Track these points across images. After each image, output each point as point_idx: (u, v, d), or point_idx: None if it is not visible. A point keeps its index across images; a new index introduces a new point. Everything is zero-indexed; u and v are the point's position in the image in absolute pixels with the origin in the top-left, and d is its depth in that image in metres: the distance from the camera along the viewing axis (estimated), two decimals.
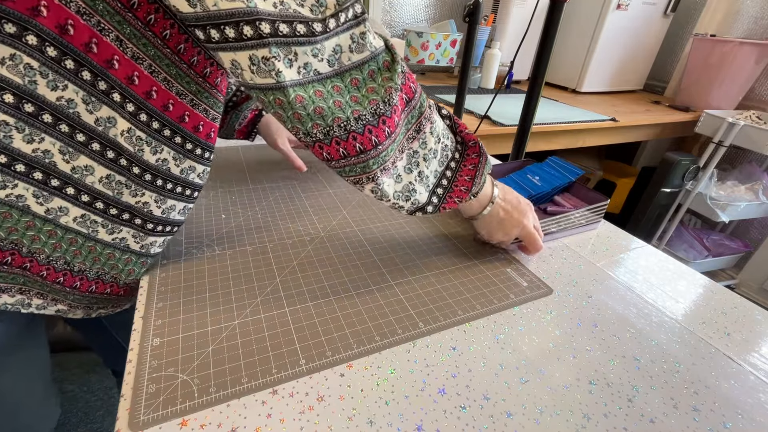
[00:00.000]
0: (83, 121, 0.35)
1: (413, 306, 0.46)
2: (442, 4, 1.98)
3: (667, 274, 0.56)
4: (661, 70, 2.02)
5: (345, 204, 0.68)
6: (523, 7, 1.72)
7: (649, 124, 1.56)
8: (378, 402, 0.35)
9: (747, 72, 1.61)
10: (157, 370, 0.35)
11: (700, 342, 0.44)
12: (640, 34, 1.77)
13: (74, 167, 0.36)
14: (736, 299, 0.52)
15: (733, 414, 0.36)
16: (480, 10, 0.87)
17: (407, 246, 0.57)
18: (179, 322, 0.41)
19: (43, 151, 0.35)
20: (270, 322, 0.42)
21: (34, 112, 0.33)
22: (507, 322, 0.45)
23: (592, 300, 0.49)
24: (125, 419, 0.31)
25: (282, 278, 0.48)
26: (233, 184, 0.71)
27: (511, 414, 0.34)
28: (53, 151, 0.35)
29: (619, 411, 0.36)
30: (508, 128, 1.18)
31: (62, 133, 0.35)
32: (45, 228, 0.37)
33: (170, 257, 0.50)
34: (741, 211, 1.58)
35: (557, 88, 1.93)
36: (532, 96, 0.72)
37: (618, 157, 2.17)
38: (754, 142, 1.47)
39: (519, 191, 0.68)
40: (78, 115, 0.35)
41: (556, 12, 0.65)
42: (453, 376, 0.38)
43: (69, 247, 0.40)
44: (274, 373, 0.36)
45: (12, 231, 0.36)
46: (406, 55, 1.68)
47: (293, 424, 0.32)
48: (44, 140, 0.34)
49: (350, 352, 0.39)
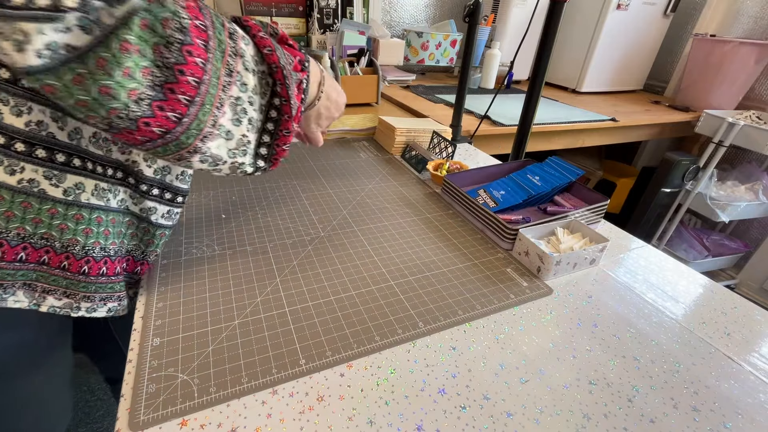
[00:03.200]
0: None
1: (413, 306, 0.46)
2: (442, 4, 1.98)
3: (667, 274, 0.56)
4: (661, 70, 2.02)
5: (345, 204, 0.68)
6: (523, 7, 1.72)
7: (649, 124, 1.56)
8: (378, 402, 0.35)
9: (747, 72, 1.60)
10: (157, 370, 0.35)
11: (700, 342, 0.44)
12: (640, 34, 1.77)
13: (69, 133, 0.34)
14: (736, 299, 0.52)
15: (733, 414, 0.36)
16: (480, 10, 0.87)
17: (407, 246, 0.57)
18: (179, 322, 0.41)
19: (37, 123, 0.32)
20: (270, 322, 0.42)
21: (10, 78, 0.30)
22: (507, 322, 0.45)
23: (592, 300, 0.49)
24: (125, 419, 0.31)
25: (282, 278, 0.48)
26: (233, 184, 0.71)
27: (511, 414, 0.34)
28: (46, 120, 0.32)
29: (619, 411, 0.36)
30: (508, 128, 1.18)
31: (44, 96, 0.31)
32: (70, 213, 0.35)
33: (170, 257, 0.50)
34: (741, 211, 1.58)
35: (557, 88, 1.93)
36: (532, 96, 0.72)
37: (618, 157, 2.17)
38: (754, 142, 1.47)
39: (519, 191, 0.68)
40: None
41: (556, 12, 0.65)
42: (453, 376, 0.38)
43: (99, 228, 0.37)
44: (274, 373, 0.36)
45: (38, 223, 0.34)
46: (406, 55, 1.68)
47: (293, 424, 0.32)
48: (32, 110, 0.31)
49: (350, 352, 0.39)
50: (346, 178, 0.78)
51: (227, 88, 0.35)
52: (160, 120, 0.30)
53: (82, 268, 0.37)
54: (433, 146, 0.87)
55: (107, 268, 0.40)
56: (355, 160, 0.87)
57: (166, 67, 0.29)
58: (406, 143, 0.91)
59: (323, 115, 0.51)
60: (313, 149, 0.91)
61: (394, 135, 0.89)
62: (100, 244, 0.38)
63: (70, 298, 0.39)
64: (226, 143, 0.37)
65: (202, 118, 0.33)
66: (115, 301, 0.41)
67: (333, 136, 0.99)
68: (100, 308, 0.40)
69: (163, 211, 0.44)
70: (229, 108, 0.35)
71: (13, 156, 0.32)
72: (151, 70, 0.28)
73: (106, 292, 0.40)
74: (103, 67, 0.26)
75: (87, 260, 0.37)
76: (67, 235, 0.36)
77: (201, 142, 0.34)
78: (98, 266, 0.38)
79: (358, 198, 0.70)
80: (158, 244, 0.45)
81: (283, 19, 1.42)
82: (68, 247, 0.36)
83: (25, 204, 0.33)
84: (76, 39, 0.25)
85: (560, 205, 0.69)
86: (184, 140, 0.33)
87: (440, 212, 0.67)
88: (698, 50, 1.70)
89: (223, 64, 0.34)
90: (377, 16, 1.84)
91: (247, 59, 0.36)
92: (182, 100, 0.31)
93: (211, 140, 0.35)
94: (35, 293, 0.38)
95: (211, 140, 0.35)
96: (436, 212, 0.67)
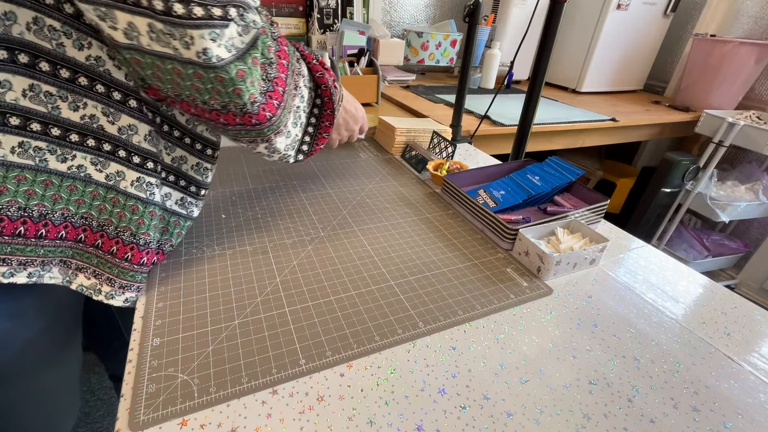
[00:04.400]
0: (114, 78, 0.36)
1: (413, 306, 0.46)
2: (442, 4, 1.98)
3: (667, 274, 0.56)
4: (661, 70, 2.02)
5: (345, 204, 0.68)
6: (523, 7, 1.72)
7: (649, 124, 1.56)
8: (378, 402, 0.35)
9: (747, 72, 1.60)
10: (157, 370, 0.35)
11: (700, 342, 0.44)
12: (640, 34, 1.77)
13: (120, 128, 0.38)
14: (736, 299, 0.52)
15: (733, 414, 0.36)
16: (480, 10, 0.87)
17: (407, 246, 0.57)
18: (179, 322, 0.41)
19: (90, 117, 0.36)
20: (270, 322, 0.42)
21: (69, 77, 0.34)
22: (507, 322, 0.45)
23: (592, 300, 0.49)
24: (125, 419, 0.31)
25: (282, 278, 0.48)
26: (233, 184, 0.71)
27: (511, 414, 0.34)
28: (97, 114, 0.36)
29: (619, 411, 0.36)
30: (508, 128, 1.18)
31: (99, 93, 0.36)
32: (109, 195, 0.39)
33: (170, 257, 0.50)
34: (741, 211, 1.58)
35: (557, 88, 1.93)
36: (532, 96, 0.72)
37: (618, 157, 2.17)
38: (754, 142, 1.47)
39: (519, 191, 0.68)
40: (108, 73, 0.36)
41: (556, 12, 0.65)
42: (453, 376, 0.38)
43: (132, 215, 0.40)
44: (274, 373, 0.36)
45: (80, 203, 0.38)
46: (406, 55, 1.68)
47: (293, 424, 0.32)
48: (87, 105, 0.36)
49: (350, 352, 0.39)
50: (346, 178, 0.78)
51: (293, 98, 0.45)
52: (260, 117, 0.39)
53: (126, 254, 0.40)
54: (433, 146, 0.87)
55: (147, 258, 0.42)
56: (355, 160, 0.87)
57: (269, 80, 0.39)
58: (406, 143, 0.91)
59: (342, 126, 0.61)
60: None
61: (394, 135, 0.89)
62: (131, 230, 0.41)
63: (96, 278, 0.40)
64: (286, 140, 0.47)
65: (282, 119, 0.43)
66: (134, 291, 0.43)
67: None
68: (118, 296, 0.42)
69: (177, 198, 0.46)
70: (292, 114, 0.46)
71: (66, 146, 0.36)
72: (260, 82, 0.38)
73: (127, 279, 0.42)
74: (242, 77, 0.35)
75: (131, 247, 0.41)
76: (104, 216, 0.39)
77: (275, 136, 0.44)
78: (140, 255, 0.42)
79: (358, 198, 0.70)
80: (173, 233, 0.46)
81: (283, 19, 1.42)
82: (120, 232, 0.40)
83: (72, 187, 0.37)
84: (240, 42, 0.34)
85: (560, 205, 0.69)
86: (265, 132, 0.42)
87: (440, 212, 0.67)
88: (698, 50, 1.70)
89: (292, 80, 0.44)
90: (377, 16, 1.84)
91: (306, 78, 0.48)
92: (274, 104, 0.41)
93: (280, 136, 0.45)
94: (69, 270, 0.40)
95: (280, 136, 0.45)
96: (436, 212, 0.67)
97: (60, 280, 0.39)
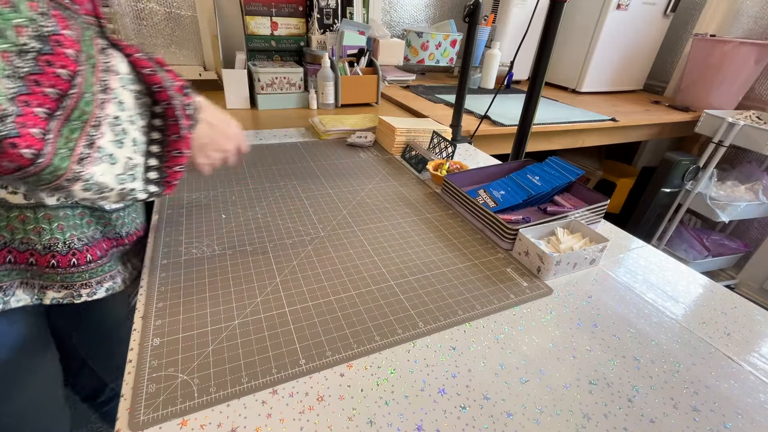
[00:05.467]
0: None
1: (413, 306, 0.46)
2: (442, 4, 1.98)
3: (667, 274, 0.56)
4: (661, 70, 2.02)
5: (345, 204, 0.68)
6: (523, 7, 1.72)
7: (649, 124, 1.56)
8: (378, 402, 0.35)
9: (747, 72, 1.60)
10: (157, 370, 0.35)
11: (700, 342, 0.44)
12: (640, 34, 1.77)
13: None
14: (736, 299, 0.52)
15: (733, 414, 0.36)
16: (480, 10, 0.87)
17: (407, 246, 0.57)
18: (179, 322, 0.41)
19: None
20: (270, 322, 0.42)
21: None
22: (507, 322, 0.45)
23: (592, 300, 0.49)
24: (125, 419, 0.31)
25: (282, 278, 0.48)
26: (233, 184, 0.71)
27: (511, 414, 0.34)
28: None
29: (619, 411, 0.36)
30: (508, 128, 1.18)
31: None
32: (12, 214, 0.37)
33: (170, 257, 0.50)
34: (741, 211, 1.58)
35: (557, 88, 1.93)
36: (532, 96, 0.72)
37: (618, 157, 2.17)
38: (754, 142, 1.47)
39: (519, 191, 0.68)
40: None
41: (556, 12, 0.65)
42: (453, 376, 0.38)
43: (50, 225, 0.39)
44: (274, 373, 0.36)
45: (13, 230, 0.37)
46: (406, 55, 1.68)
47: (293, 424, 0.32)
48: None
49: (350, 352, 0.39)
50: (346, 178, 0.78)
51: (103, 105, 0.32)
52: (23, 140, 0.26)
53: (70, 261, 0.40)
54: (433, 146, 0.87)
55: (91, 255, 0.42)
56: (355, 160, 0.87)
57: (19, 77, 0.26)
58: (406, 143, 0.91)
59: (208, 145, 0.46)
60: (313, 149, 0.91)
61: (394, 135, 0.89)
62: (75, 235, 0.40)
63: (68, 289, 0.40)
64: (112, 168, 0.34)
65: (71, 135, 0.29)
66: (108, 281, 0.44)
67: (333, 136, 0.99)
68: (99, 291, 0.43)
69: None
70: (108, 128, 0.33)
71: None
72: (3, 81, 0.25)
73: (95, 277, 0.42)
74: None
75: (73, 253, 0.40)
76: (46, 236, 0.38)
77: (79, 165, 0.30)
78: (84, 255, 0.41)
79: (358, 198, 0.70)
80: (114, 223, 0.46)
81: (283, 19, 1.42)
82: (51, 247, 0.38)
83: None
84: None
85: (560, 205, 0.69)
86: (57, 164, 0.29)
87: (440, 212, 0.67)
88: (698, 50, 1.70)
89: (96, 78, 0.31)
90: (377, 16, 1.84)
91: (125, 77, 0.34)
92: (40, 114, 0.27)
93: (92, 164, 0.32)
94: (34, 290, 0.39)
95: (93, 164, 0.32)
96: (436, 212, 0.67)
97: (29, 300, 0.39)
